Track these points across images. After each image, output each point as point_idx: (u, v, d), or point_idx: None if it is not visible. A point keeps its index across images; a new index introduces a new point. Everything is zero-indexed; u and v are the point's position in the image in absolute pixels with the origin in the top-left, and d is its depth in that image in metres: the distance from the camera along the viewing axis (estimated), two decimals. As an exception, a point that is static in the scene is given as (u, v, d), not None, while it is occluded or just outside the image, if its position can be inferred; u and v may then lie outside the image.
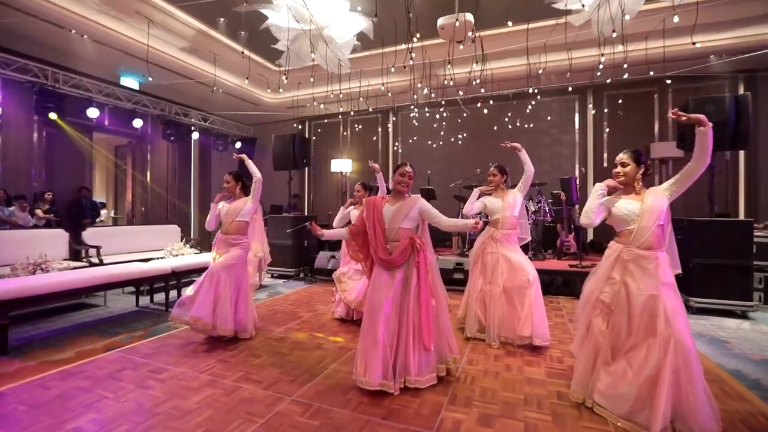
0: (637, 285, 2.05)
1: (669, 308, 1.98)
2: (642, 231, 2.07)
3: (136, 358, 2.86)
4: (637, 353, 2.00)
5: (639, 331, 2.03)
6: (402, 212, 2.47)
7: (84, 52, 6.02)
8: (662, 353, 1.92)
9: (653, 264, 2.04)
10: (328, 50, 5.62)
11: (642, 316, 2.02)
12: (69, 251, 5.44)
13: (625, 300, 2.09)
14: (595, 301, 2.20)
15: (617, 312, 2.11)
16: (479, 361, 2.85)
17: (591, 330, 2.19)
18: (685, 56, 6.34)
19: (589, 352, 2.17)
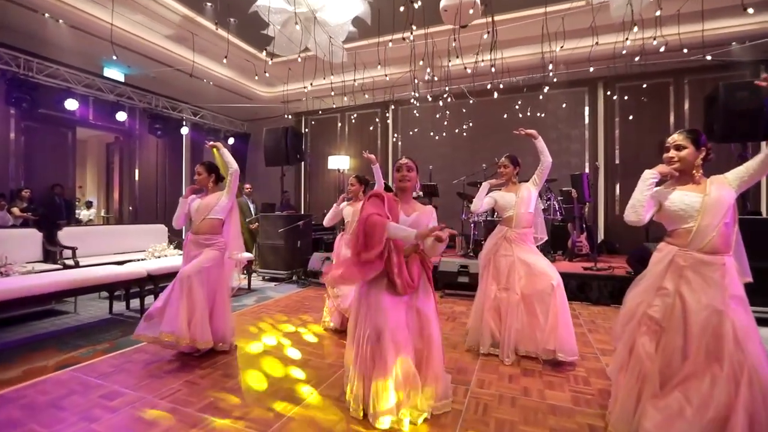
0: (697, 298, 1.63)
1: (739, 328, 1.56)
2: (704, 230, 1.66)
3: (90, 379, 2.44)
4: (698, 385, 1.58)
5: (699, 356, 1.61)
6: (422, 223, 2.07)
7: (61, 39, 5.60)
8: (732, 387, 1.51)
9: (718, 272, 1.63)
10: (322, 36, 5.21)
11: (703, 337, 1.60)
12: (42, 253, 5.05)
13: (680, 316, 1.67)
14: (642, 316, 1.77)
15: (670, 331, 1.69)
16: (492, 383, 2.43)
17: (635, 352, 1.76)
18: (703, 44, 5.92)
19: (632, 380, 1.75)
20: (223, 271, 2.95)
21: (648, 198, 1.74)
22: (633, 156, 7.21)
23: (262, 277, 6.11)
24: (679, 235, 1.74)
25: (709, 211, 1.66)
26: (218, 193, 2.99)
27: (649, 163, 1.90)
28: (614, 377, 1.91)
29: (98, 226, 7.28)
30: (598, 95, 7.50)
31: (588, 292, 4.65)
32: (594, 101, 7.56)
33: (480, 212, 3.08)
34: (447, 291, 5.00)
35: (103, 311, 4.20)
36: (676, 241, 1.75)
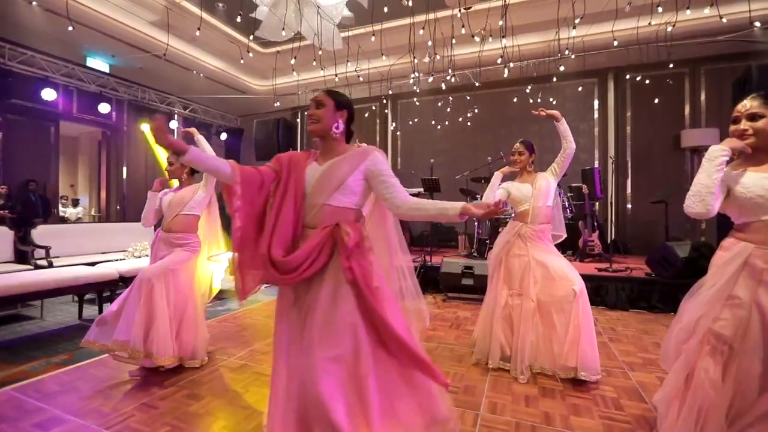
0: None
1: None
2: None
3: (29, 401, 2.06)
4: None
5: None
6: (337, 173, 1.38)
7: (35, 24, 5.23)
8: None
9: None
10: (315, 22, 4.84)
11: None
12: (14, 252, 4.68)
13: (758, 334, 1.29)
14: (705, 333, 1.38)
15: (745, 353, 1.30)
16: (506, 407, 2.05)
17: (696, 380, 1.37)
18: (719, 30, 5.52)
19: (690, 416, 1.36)
20: (194, 276, 2.57)
21: (718, 182, 1.35)
22: (645, 151, 6.82)
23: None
24: (756, 229, 1.35)
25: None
26: (194, 185, 2.62)
27: (663, 158, 1.51)
28: (663, 409, 1.52)
29: (76, 225, 6.92)
30: (608, 87, 7.12)
31: (604, 296, 4.26)
32: (604, 93, 7.17)
33: None
34: (450, 294, 4.63)
35: (72, 316, 3.82)
36: (751, 237, 1.36)
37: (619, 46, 5.27)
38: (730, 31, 5.51)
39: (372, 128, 8.63)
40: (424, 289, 4.86)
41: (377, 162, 1.41)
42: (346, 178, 1.38)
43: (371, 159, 1.41)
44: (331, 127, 1.44)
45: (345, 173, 1.38)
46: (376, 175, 1.40)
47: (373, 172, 1.40)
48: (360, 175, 1.40)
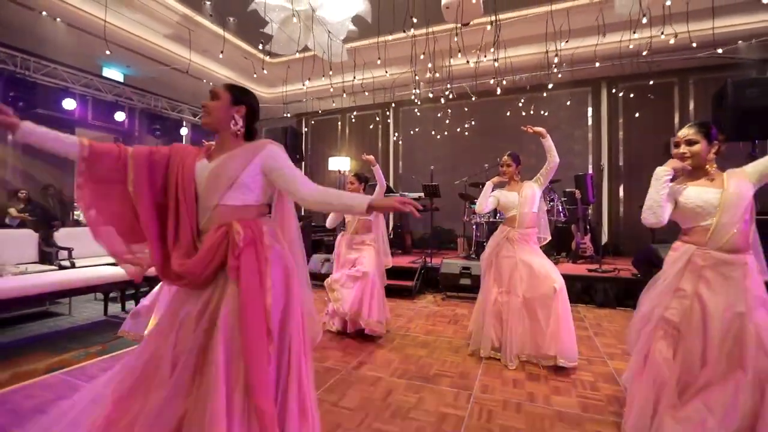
0: (718, 299, 1.54)
1: (763, 330, 1.47)
2: (724, 228, 1.57)
3: (79, 383, 2.36)
4: (720, 393, 1.49)
5: (720, 362, 1.52)
6: (228, 170, 1.28)
7: (58, 37, 5.54)
8: (758, 394, 1.42)
9: (740, 271, 1.54)
10: (321, 36, 5.15)
11: (725, 342, 1.51)
12: (38, 254, 4.98)
13: (699, 319, 1.58)
14: (658, 320, 1.68)
15: (689, 335, 1.59)
16: (495, 388, 2.34)
17: (651, 359, 1.67)
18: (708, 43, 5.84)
19: (649, 389, 1.65)
20: None
21: (664, 197, 1.65)
22: (637, 157, 7.12)
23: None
24: (696, 233, 1.65)
25: (728, 207, 1.57)
26: None
27: (653, 164, 1.81)
28: (629, 385, 1.81)
29: None
30: (602, 95, 7.43)
31: (593, 295, 4.55)
32: (597, 101, 7.48)
33: (485, 213, 2.98)
34: (449, 293, 4.91)
35: (98, 313, 4.12)
36: (693, 240, 1.66)
37: (605, 60, 5.58)
38: (711, 45, 5.84)
39: (375, 135, 8.94)
40: (424, 289, 5.17)
41: (274, 155, 1.31)
42: (238, 174, 1.27)
43: (266, 153, 1.31)
44: (223, 122, 1.33)
45: (236, 169, 1.27)
46: (274, 170, 1.30)
47: (271, 167, 1.30)
48: (256, 169, 1.30)
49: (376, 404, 2.13)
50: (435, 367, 2.66)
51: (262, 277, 1.24)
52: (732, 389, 1.48)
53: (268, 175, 1.32)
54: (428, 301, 4.73)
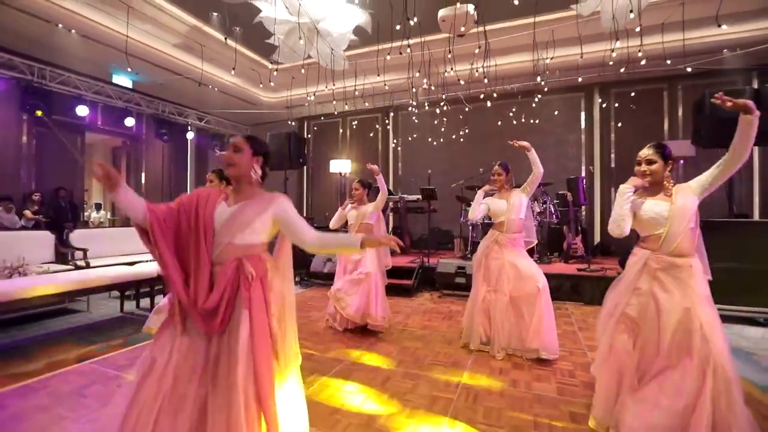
0: (669, 297, 1.79)
1: (706, 323, 1.73)
2: (673, 235, 1.82)
3: (108, 371, 2.62)
4: (671, 377, 1.74)
5: (672, 351, 1.77)
6: (245, 216, 1.47)
7: (72, 47, 5.81)
8: (701, 377, 1.67)
9: (686, 272, 1.79)
10: (324, 46, 5.40)
11: (675, 333, 1.76)
12: (55, 254, 5.24)
13: (654, 314, 1.83)
14: (620, 315, 1.93)
15: (645, 328, 1.85)
16: (482, 376, 2.59)
17: (614, 349, 1.92)
18: (696, 51, 6.10)
19: (612, 375, 1.90)
20: None
21: (627, 210, 1.90)
22: (628, 160, 7.30)
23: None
24: (651, 240, 1.90)
25: (676, 218, 1.82)
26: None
27: None
28: (596, 372, 2.07)
29: (108, 229, 7.46)
30: (594, 100, 7.67)
31: (581, 293, 4.80)
32: (590, 106, 7.72)
33: (477, 219, 3.23)
34: (445, 291, 5.17)
35: (114, 310, 4.38)
36: (648, 246, 1.91)
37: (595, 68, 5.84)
38: (701, 53, 6.09)
39: (375, 138, 9.20)
40: (422, 287, 5.43)
41: (284, 208, 1.51)
42: (252, 221, 1.47)
43: (278, 205, 1.51)
44: (246, 172, 1.51)
45: (251, 217, 1.48)
46: (284, 219, 1.51)
47: (282, 217, 1.51)
48: (267, 217, 1.50)
49: (375, 388, 2.39)
50: (429, 358, 2.92)
51: (267, 306, 1.46)
52: (681, 373, 1.73)
53: (278, 224, 1.52)
54: (425, 299, 4.99)
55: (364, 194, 3.69)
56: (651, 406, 1.77)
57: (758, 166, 6.64)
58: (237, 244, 1.45)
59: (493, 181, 3.17)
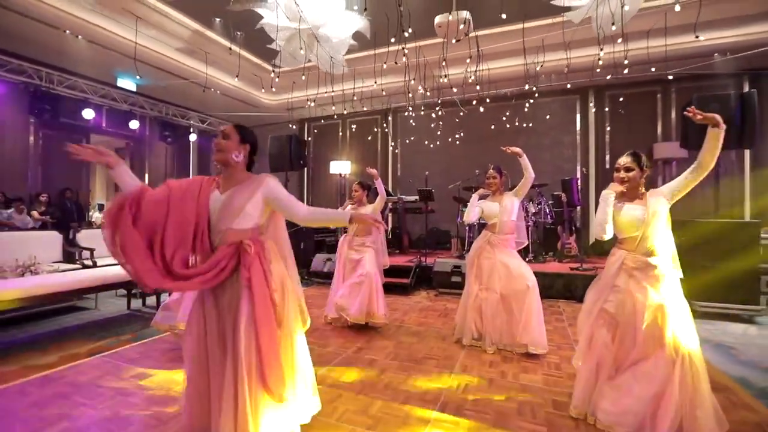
0: (644, 294, 1.93)
1: (676, 317, 1.87)
2: (648, 237, 1.96)
3: (120, 363, 2.78)
4: (644, 366, 1.89)
5: (646, 343, 1.91)
6: (236, 202, 1.61)
7: (79, 52, 5.97)
8: (670, 366, 1.82)
9: (660, 270, 1.94)
10: (323, 50, 5.55)
11: (649, 327, 1.90)
12: (63, 253, 5.40)
13: (631, 310, 1.97)
14: (599, 311, 2.08)
15: (623, 323, 1.99)
16: (473, 368, 2.75)
17: (594, 342, 2.07)
18: (688, 54, 6.25)
19: (591, 366, 2.05)
20: None
21: (610, 214, 2.04)
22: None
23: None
24: (627, 241, 2.04)
25: (651, 221, 1.96)
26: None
27: None
28: (577, 363, 2.22)
29: None
30: (589, 103, 7.81)
31: (573, 291, 4.94)
32: (585, 108, 7.87)
33: (471, 221, 3.36)
34: (441, 290, 5.32)
35: (121, 307, 4.53)
36: (625, 247, 2.05)
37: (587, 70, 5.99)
38: (694, 57, 6.24)
39: (374, 139, 9.35)
40: (419, 286, 5.57)
41: (273, 188, 1.67)
42: (245, 205, 1.62)
43: (266, 186, 1.66)
44: (232, 158, 1.66)
45: (242, 203, 1.61)
46: (275, 199, 1.67)
47: (272, 197, 1.66)
48: (258, 199, 1.64)
49: (371, 379, 2.54)
50: (423, 352, 3.07)
51: (267, 280, 1.61)
52: (653, 363, 1.87)
53: (270, 204, 1.68)
54: (422, 297, 5.14)
55: (363, 195, 3.83)
56: (625, 392, 1.92)
57: (749, 168, 6.79)
58: (236, 229, 1.61)
59: (488, 184, 3.31)
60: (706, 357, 2.89)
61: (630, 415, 1.87)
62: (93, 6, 5.31)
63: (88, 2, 5.24)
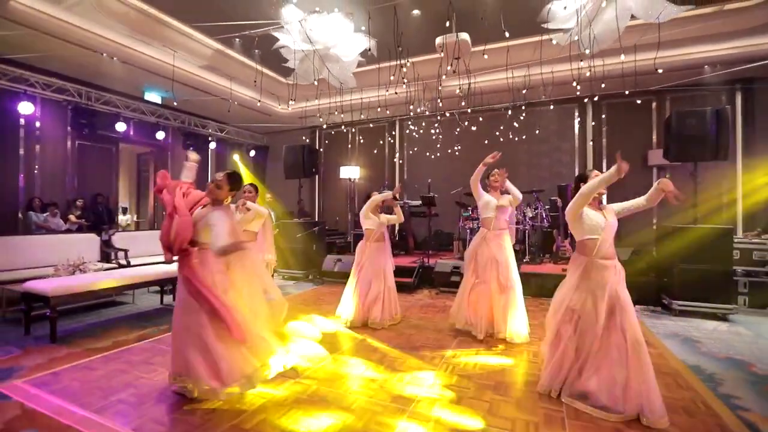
0: (602, 291, 2.34)
1: (627, 309, 2.29)
2: (604, 243, 2.38)
3: (163, 348, 3.31)
4: (605, 352, 2.30)
5: (605, 332, 2.31)
6: (208, 223, 2.42)
7: (113, 71, 6.58)
8: (623, 350, 2.23)
9: (612, 270, 2.36)
10: (334, 68, 6.04)
11: (607, 319, 2.31)
12: (100, 254, 6.01)
13: (592, 306, 2.36)
14: (565, 309, 2.49)
15: (584, 317, 2.39)
16: (462, 354, 3.20)
17: (560, 335, 2.48)
18: (681, 67, 6.58)
19: (557, 355, 2.46)
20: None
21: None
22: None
23: (282, 276, 6.97)
24: (586, 246, 2.45)
25: (607, 230, 2.39)
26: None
27: (632, 174, 2.59)
28: (544, 352, 2.66)
29: (145, 231, 8.25)
30: (587, 111, 8.15)
31: (564, 290, 5.34)
32: (583, 116, 8.20)
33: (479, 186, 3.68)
34: (442, 289, 5.77)
35: (155, 302, 5.10)
36: (584, 253, 2.47)
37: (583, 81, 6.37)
38: (685, 69, 6.57)
39: (382, 146, 9.83)
40: (421, 285, 6.03)
41: (213, 216, 2.42)
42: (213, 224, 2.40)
43: (212, 214, 2.44)
44: (222, 198, 2.55)
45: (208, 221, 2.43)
46: (209, 226, 2.42)
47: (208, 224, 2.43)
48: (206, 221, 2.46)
49: (374, 362, 3.02)
50: (420, 341, 3.54)
51: (203, 280, 2.41)
52: (609, 348, 2.29)
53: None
54: (424, 295, 5.60)
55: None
56: (588, 375, 2.34)
57: (741, 175, 7.06)
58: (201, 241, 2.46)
59: (493, 181, 3.70)
60: (671, 349, 3.34)
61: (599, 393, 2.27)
62: (127, 31, 5.90)
63: (123, 28, 5.83)
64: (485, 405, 2.36)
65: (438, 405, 2.36)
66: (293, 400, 2.41)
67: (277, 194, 9.55)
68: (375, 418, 2.21)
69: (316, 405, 2.34)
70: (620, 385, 2.22)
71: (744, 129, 7.07)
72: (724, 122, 4.51)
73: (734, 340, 3.68)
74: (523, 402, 2.41)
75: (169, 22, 6.09)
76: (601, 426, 2.14)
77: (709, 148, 4.53)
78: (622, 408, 2.19)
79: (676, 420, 2.18)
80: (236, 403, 2.35)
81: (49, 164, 6.97)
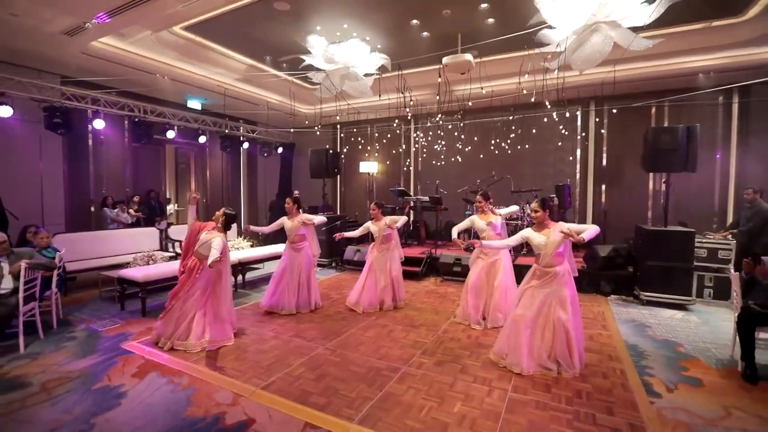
0: (542, 289, 3.23)
1: (558, 302, 3.17)
2: (546, 256, 3.24)
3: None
4: (540, 332, 3.22)
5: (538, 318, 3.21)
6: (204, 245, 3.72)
7: (163, 87, 7.66)
8: (551, 330, 3.15)
9: (552, 275, 3.21)
10: (353, 85, 6.87)
11: (541, 307, 3.21)
12: (160, 244, 7.23)
13: (537, 302, 3.23)
14: (519, 301, 3.38)
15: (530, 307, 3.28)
16: (451, 332, 4.16)
17: (513, 318, 3.37)
18: (679, 74, 7.06)
19: (509, 334, 3.35)
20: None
21: (519, 238, 3.36)
22: (617, 168, 8.41)
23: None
24: (537, 257, 3.33)
25: (548, 246, 3.23)
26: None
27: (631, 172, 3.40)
28: (502, 329, 3.57)
29: None
30: (590, 113, 8.66)
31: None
32: (586, 119, 8.72)
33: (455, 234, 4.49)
34: (445, 277, 6.69)
35: (208, 285, 6.26)
36: (537, 261, 3.34)
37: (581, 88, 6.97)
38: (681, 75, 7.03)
39: (398, 143, 10.63)
40: (428, 273, 6.97)
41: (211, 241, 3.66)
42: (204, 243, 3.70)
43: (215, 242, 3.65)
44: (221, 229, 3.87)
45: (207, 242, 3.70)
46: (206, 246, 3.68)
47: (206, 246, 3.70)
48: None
49: (382, 336, 4.01)
50: (420, 321, 4.50)
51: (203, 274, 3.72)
52: (543, 329, 3.19)
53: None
54: (430, 282, 6.54)
55: (379, 213, 5.16)
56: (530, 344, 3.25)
57: (734, 180, 7.52)
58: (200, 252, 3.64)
59: (480, 205, 4.57)
60: (623, 331, 4.16)
61: (534, 358, 3.20)
62: (176, 55, 6.90)
63: (173, 53, 6.83)
64: (458, 367, 3.31)
65: (424, 366, 3.33)
66: (324, 359, 3.44)
67: (302, 190, 10.60)
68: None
69: (339, 363, 3.36)
70: (545, 348, 3.16)
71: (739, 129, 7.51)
72: (693, 138, 5.12)
73: (680, 326, 4.46)
74: (486, 366, 3.35)
75: (212, 46, 7.03)
76: (534, 379, 3.05)
77: (680, 161, 5.16)
78: (545, 362, 3.15)
79: (593, 380, 3.07)
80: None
81: (112, 167, 8.21)
